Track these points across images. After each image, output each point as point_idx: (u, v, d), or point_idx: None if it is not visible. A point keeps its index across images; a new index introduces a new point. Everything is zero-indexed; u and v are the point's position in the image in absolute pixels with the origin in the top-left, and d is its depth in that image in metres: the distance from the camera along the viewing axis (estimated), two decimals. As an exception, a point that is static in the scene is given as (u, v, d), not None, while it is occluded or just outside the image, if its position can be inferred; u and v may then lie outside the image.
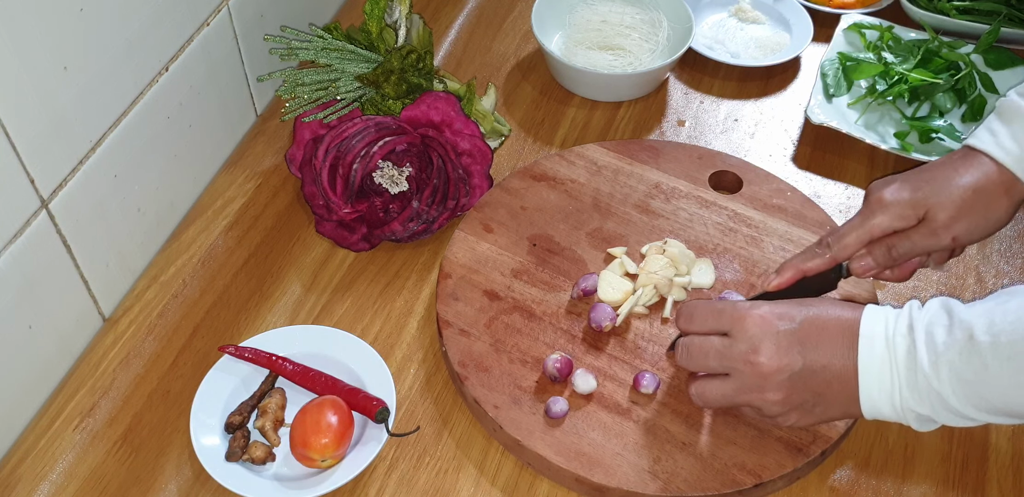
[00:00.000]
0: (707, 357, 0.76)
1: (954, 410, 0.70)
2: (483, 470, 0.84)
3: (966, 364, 0.68)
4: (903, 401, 0.71)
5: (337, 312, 0.94)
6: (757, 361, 0.73)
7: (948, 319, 0.70)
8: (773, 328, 0.74)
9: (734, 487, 0.79)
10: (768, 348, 0.73)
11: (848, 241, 0.82)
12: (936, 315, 0.71)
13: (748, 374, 0.74)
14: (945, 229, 0.80)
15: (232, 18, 0.99)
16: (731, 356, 0.75)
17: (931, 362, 0.69)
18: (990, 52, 1.12)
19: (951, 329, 0.69)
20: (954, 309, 0.70)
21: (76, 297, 0.88)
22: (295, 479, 0.81)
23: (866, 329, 0.72)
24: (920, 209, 0.80)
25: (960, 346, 0.68)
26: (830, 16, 1.21)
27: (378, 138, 0.93)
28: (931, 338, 0.69)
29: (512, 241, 0.95)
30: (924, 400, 0.70)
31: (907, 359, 0.70)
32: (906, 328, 0.71)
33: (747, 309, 0.75)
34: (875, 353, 0.71)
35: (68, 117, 0.79)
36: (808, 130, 1.11)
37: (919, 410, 0.71)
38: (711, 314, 0.77)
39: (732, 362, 0.75)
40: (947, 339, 0.69)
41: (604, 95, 1.13)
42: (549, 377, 0.85)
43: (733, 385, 0.76)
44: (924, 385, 0.69)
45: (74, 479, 0.82)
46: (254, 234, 1.00)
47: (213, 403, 0.84)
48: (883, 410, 0.73)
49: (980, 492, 0.83)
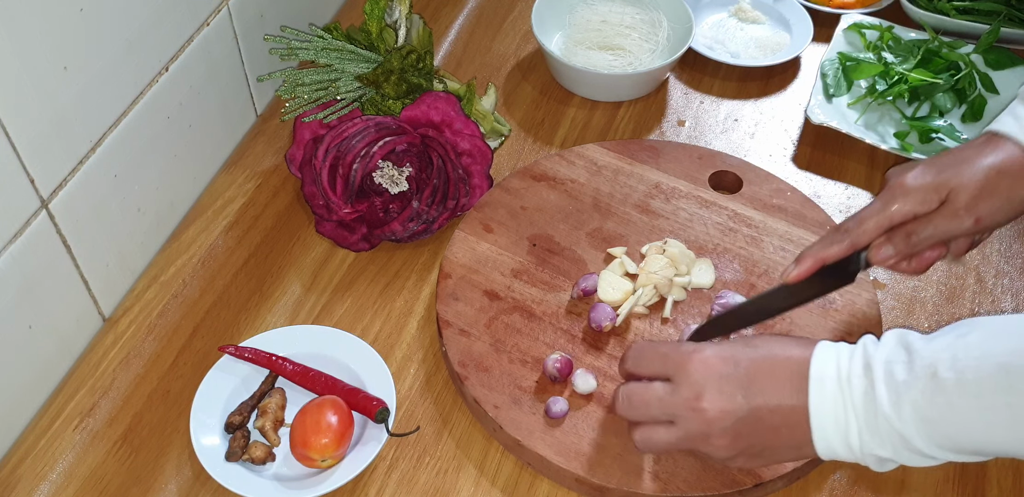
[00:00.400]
0: (649, 406, 0.73)
1: (918, 451, 0.66)
2: (483, 470, 0.84)
3: (930, 403, 0.64)
4: (862, 444, 0.67)
5: (337, 312, 0.94)
6: (700, 407, 0.70)
7: (907, 355, 0.66)
8: (717, 372, 0.71)
9: (734, 487, 0.79)
10: (712, 394, 0.70)
11: (868, 226, 0.79)
12: (894, 352, 0.67)
13: (693, 420, 0.71)
14: (967, 210, 0.76)
15: (232, 18, 0.99)
16: (674, 403, 0.72)
17: (892, 402, 0.65)
18: (990, 52, 1.12)
19: (911, 366, 0.66)
20: (913, 345, 0.67)
21: (76, 297, 0.88)
22: (295, 479, 0.81)
23: (816, 370, 0.69)
24: (942, 191, 0.77)
25: (923, 384, 0.64)
26: (830, 16, 1.21)
27: (378, 138, 0.93)
28: (891, 377, 0.66)
29: (512, 241, 0.95)
30: (885, 442, 0.66)
31: (864, 400, 0.67)
32: (862, 368, 0.67)
33: (690, 353, 0.72)
34: (827, 396, 0.68)
35: (68, 117, 0.79)
36: (808, 130, 1.11)
37: (879, 452, 0.67)
38: (656, 358, 0.74)
39: (675, 409, 0.72)
40: (907, 377, 0.65)
41: (604, 95, 1.13)
42: (549, 377, 0.85)
43: (678, 433, 0.72)
44: (885, 427, 0.66)
45: (74, 479, 0.82)
46: (254, 234, 1.00)
47: (213, 403, 0.84)
48: (839, 452, 0.69)
49: (980, 492, 0.83)
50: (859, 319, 0.90)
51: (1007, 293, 0.97)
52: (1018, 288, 0.97)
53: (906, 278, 0.97)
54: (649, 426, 0.74)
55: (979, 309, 0.95)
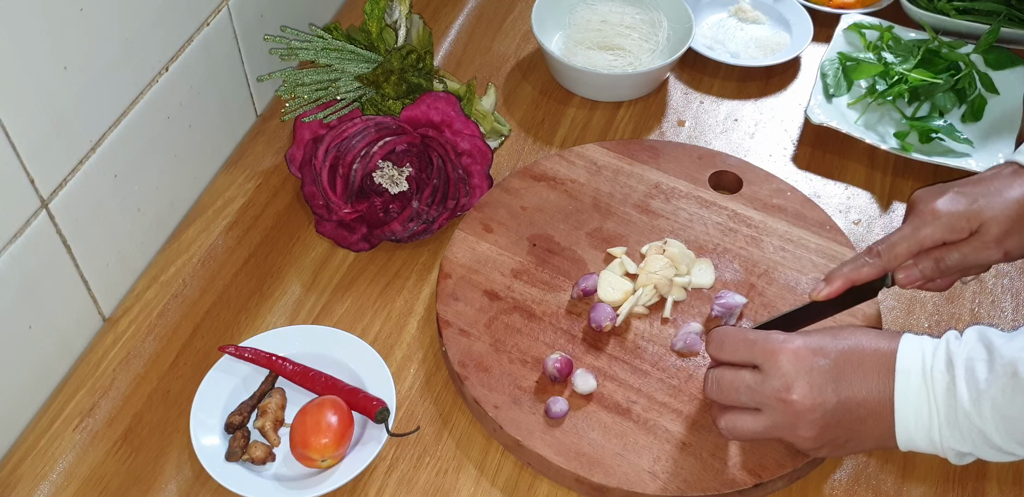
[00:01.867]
0: (738, 392, 0.75)
1: (997, 447, 0.69)
2: (483, 470, 0.84)
3: (1010, 401, 0.66)
4: (942, 439, 0.70)
5: (337, 312, 0.94)
6: (790, 399, 0.72)
7: (988, 354, 0.69)
8: (807, 364, 0.73)
9: (734, 487, 0.79)
10: (802, 386, 0.72)
11: (899, 251, 0.81)
12: (975, 349, 0.69)
13: (781, 411, 0.73)
14: (997, 243, 0.79)
15: (232, 18, 0.99)
16: (763, 393, 0.74)
17: (972, 399, 0.68)
18: (990, 52, 1.12)
19: (992, 365, 0.68)
20: (993, 343, 0.69)
21: (76, 297, 0.88)
22: (295, 479, 0.81)
23: (903, 363, 0.71)
24: (974, 222, 0.79)
25: (1003, 383, 0.67)
26: (830, 16, 1.21)
27: (378, 138, 0.93)
28: (971, 374, 0.68)
29: (512, 241, 0.95)
30: (965, 437, 0.69)
31: (946, 396, 0.69)
32: (944, 364, 0.70)
33: (780, 343, 0.74)
34: (911, 389, 0.70)
35: (68, 117, 0.79)
36: (808, 130, 1.11)
37: (959, 447, 0.70)
38: (743, 344, 0.76)
39: (764, 399, 0.74)
40: (988, 376, 0.67)
41: (604, 95, 1.13)
42: (549, 377, 0.85)
43: (765, 422, 0.74)
44: (965, 422, 0.68)
45: (74, 479, 0.82)
46: (254, 234, 1.00)
47: (213, 403, 0.84)
48: (920, 445, 0.72)
49: (980, 492, 0.83)
50: (859, 318, 0.90)
51: (1007, 293, 0.97)
52: (1018, 288, 0.97)
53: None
54: (736, 413, 0.76)
55: (979, 309, 0.95)
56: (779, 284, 0.93)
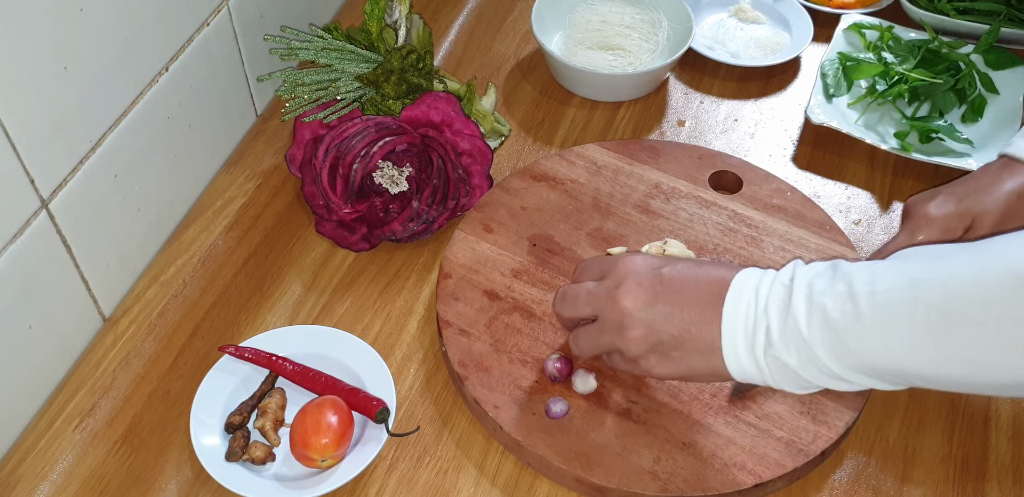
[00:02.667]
0: (577, 299, 0.76)
1: (820, 363, 0.67)
2: (483, 470, 0.84)
3: (840, 313, 0.65)
4: (768, 347, 0.68)
5: (337, 312, 0.94)
6: (617, 296, 0.73)
7: (832, 272, 0.68)
8: (643, 269, 0.73)
9: (734, 487, 0.79)
10: (631, 285, 0.73)
11: None
12: (821, 270, 0.68)
13: (610, 309, 0.73)
14: (992, 235, 0.79)
15: (232, 18, 0.99)
16: (597, 294, 0.75)
17: (805, 310, 0.66)
18: (990, 52, 1.12)
19: (833, 281, 0.67)
20: (840, 264, 0.68)
21: (76, 297, 0.88)
22: (295, 479, 0.81)
23: (739, 280, 0.71)
24: (966, 219, 0.79)
25: (836, 293, 0.66)
26: (830, 16, 1.21)
27: (378, 138, 0.93)
28: (810, 288, 0.67)
29: (512, 241, 0.95)
30: (791, 348, 0.67)
31: (780, 307, 0.68)
32: (788, 278, 0.69)
33: (629, 256, 0.76)
34: (742, 302, 0.69)
35: (68, 117, 0.79)
36: (808, 130, 1.11)
37: (785, 358, 0.68)
38: (596, 263, 0.78)
39: (598, 301, 0.75)
40: (824, 287, 0.66)
41: (604, 95, 1.13)
42: (549, 377, 0.85)
43: (599, 326, 0.75)
44: (793, 332, 0.66)
45: (74, 479, 0.82)
46: (254, 234, 1.00)
47: (213, 403, 0.84)
48: (745, 363, 0.70)
49: (980, 492, 0.84)
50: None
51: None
52: (1018, 288, 0.97)
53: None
54: (581, 327, 0.77)
55: (979, 309, 0.95)
56: (779, 284, 0.93)
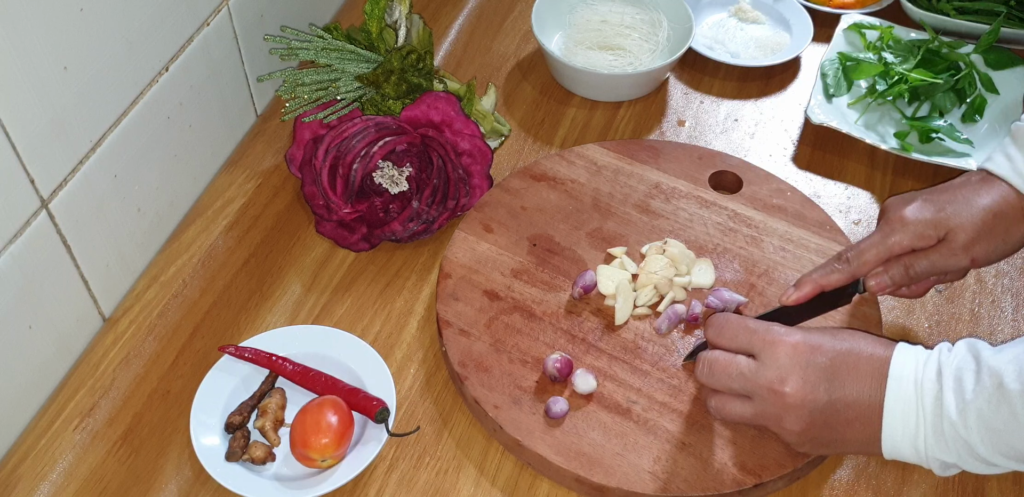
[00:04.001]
0: (731, 378, 0.76)
1: (981, 458, 0.69)
2: (483, 470, 0.84)
3: (995, 413, 0.67)
4: (927, 448, 0.70)
5: (337, 312, 0.94)
6: (783, 391, 0.73)
7: (976, 364, 0.69)
8: (804, 360, 0.73)
9: (734, 487, 0.79)
10: (795, 380, 0.73)
11: (867, 258, 0.82)
12: (964, 360, 0.70)
13: (771, 402, 0.74)
14: (965, 251, 0.80)
15: (232, 18, 0.99)
16: (756, 382, 0.74)
17: (959, 410, 0.68)
18: (990, 52, 1.12)
19: (979, 375, 0.68)
20: (982, 353, 0.70)
21: (76, 297, 0.88)
22: (295, 479, 0.81)
23: (896, 370, 0.72)
24: (941, 229, 0.80)
25: (988, 394, 0.67)
26: (830, 16, 1.21)
27: (378, 138, 0.93)
28: (959, 384, 0.69)
29: (512, 241, 0.95)
30: (950, 448, 0.69)
31: (934, 405, 0.69)
32: (935, 373, 0.70)
33: (781, 335, 0.75)
34: (902, 396, 0.71)
35: (68, 117, 0.79)
36: (808, 130, 1.11)
37: (944, 458, 0.70)
38: (743, 331, 0.76)
39: (756, 388, 0.74)
40: (975, 386, 0.68)
41: (604, 95, 1.13)
42: (549, 377, 0.85)
43: (753, 409, 0.75)
44: (951, 433, 0.69)
45: (74, 479, 0.82)
46: (254, 234, 1.00)
47: (213, 403, 0.84)
48: (904, 453, 0.72)
49: (980, 492, 0.83)
50: (859, 319, 0.90)
51: (1007, 293, 0.97)
52: (1018, 288, 0.97)
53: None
54: (726, 396, 0.77)
55: (979, 309, 0.95)
56: (779, 284, 0.93)
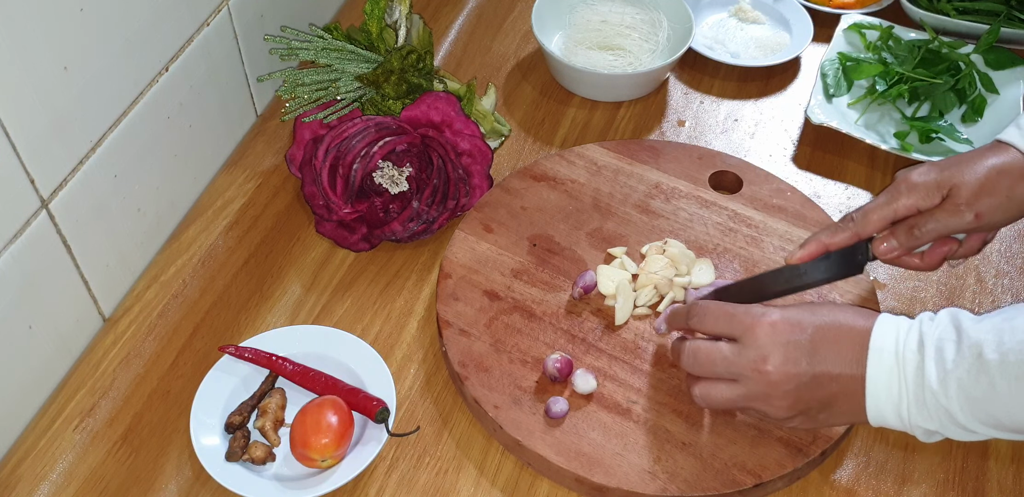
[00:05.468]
0: (714, 364, 0.76)
1: (961, 425, 0.70)
2: (483, 470, 0.84)
3: (974, 382, 0.68)
4: (910, 416, 0.72)
5: (337, 312, 0.94)
6: (765, 370, 0.74)
7: (957, 335, 0.70)
8: (784, 337, 0.74)
9: (734, 487, 0.79)
10: (777, 358, 0.73)
11: (872, 217, 0.82)
12: (946, 330, 0.71)
13: (756, 382, 0.74)
14: (968, 205, 0.80)
15: (232, 18, 0.99)
16: (740, 364, 0.75)
17: (940, 379, 0.69)
18: (990, 52, 1.12)
19: (960, 346, 0.69)
20: (963, 324, 0.71)
21: (76, 297, 0.88)
22: (295, 479, 0.81)
23: (876, 341, 0.72)
24: (944, 187, 0.80)
25: (969, 364, 0.68)
26: (830, 16, 1.21)
27: (378, 138, 0.93)
28: (940, 355, 0.70)
29: (512, 241, 0.95)
30: (932, 416, 0.71)
31: (916, 375, 0.70)
32: (916, 344, 0.71)
33: (759, 316, 0.75)
34: (884, 366, 0.72)
35: (68, 117, 0.79)
36: (808, 130, 1.11)
37: (926, 425, 0.71)
38: (723, 317, 0.77)
39: (740, 369, 0.75)
40: (956, 356, 0.69)
41: (604, 95, 1.13)
42: (549, 377, 0.85)
43: (740, 391, 0.76)
44: (932, 401, 0.70)
45: (74, 479, 0.82)
46: (254, 234, 1.00)
47: (213, 403, 0.84)
48: (889, 421, 0.73)
49: (980, 492, 0.84)
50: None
51: (1007, 293, 0.97)
52: (1018, 288, 0.97)
53: (906, 278, 0.97)
54: (710, 382, 0.77)
55: (979, 309, 0.95)
56: (779, 284, 0.93)
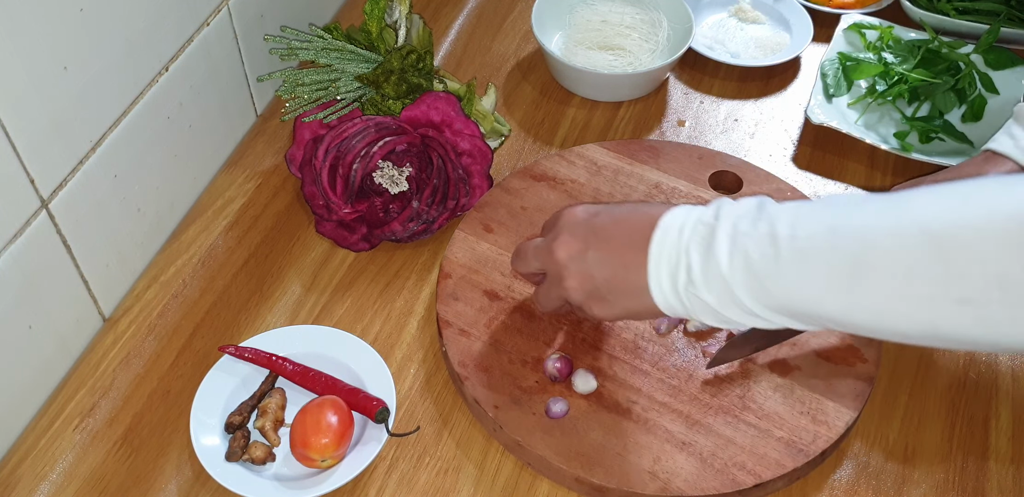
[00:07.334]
0: (527, 255, 0.79)
1: (741, 303, 0.67)
2: (483, 470, 0.84)
3: (761, 256, 0.65)
4: (689, 284, 0.68)
5: (337, 312, 0.94)
6: (553, 248, 0.75)
7: (757, 212, 0.68)
8: (577, 219, 0.75)
9: (734, 487, 0.79)
10: (563, 236, 0.75)
11: None
12: (747, 208, 0.68)
13: (550, 263, 0.76)
14: None
15: (232, 18, 0.99)
16: (539, 249, 0.77)
17: (727, 251, 0.66)
18: (990, 52, 1.12)
19: (757, 222, 0.67)
20: (766, 204, 0.68)
21: (76, 297, 0.88)
22: (295, 479, 0.81)
23: (665, 220, 0.71)
24: None
25: (759, 236, 0.66)
26: (830, 16, 1.21)
27: (378, 138, 0.93)
28: (734, 228, 0.67)
29: (512, 241, 0.95)
30: (712, 287, 0.67)
31: (702, 246, 0.68)
32: (712, 216, 0.69)
33: (566, 207, 0.77)
34: (668, 240, 0.70)
35: (68, 117, 0.79)
36: (808, 130, 1.11)
37: (704, 296, 0.68)
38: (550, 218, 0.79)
39: (541, 255, 0.77)
40: (748, 229, 0.66)
41: (604, 95, 1.13)
42: (549, 377, 0.85)
43: (547, 281, 0.77)
44: (714, 271, 0.67)
45: (74, 479, 0.82)
46: (254, 234, 1.00)
47: (213, 403, 0.84)
48: (670, 299, 0.70)
49: (980, 492, 0.84)
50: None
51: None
52: (1018, 288, 0.97)
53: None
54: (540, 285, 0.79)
55: (979, 309, 0.95)
56: (779, 284, 0.93)
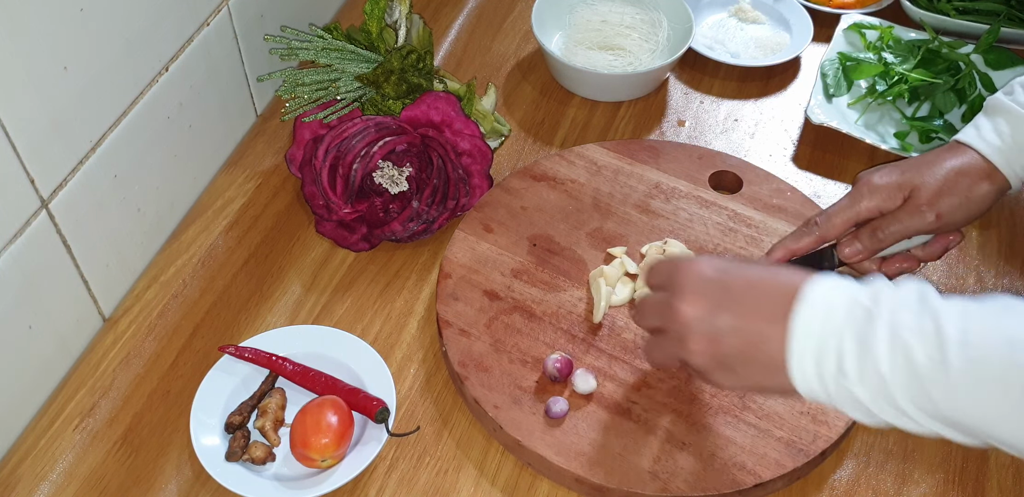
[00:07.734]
0: (648, 310, 0.72)
1: (895, 403, 0.61)
2: (483, 470, 0.84)
3: (926, 357, 0.60)
4: (839, 376, 0.62)
5: (337, 312, 0.94)
6: (678, 308, 0.68)
7: (920, 305, 0.62)
8: (705, 278, 0.69)
9: (734, 487, 0.79)
10: (693, 296, 0.68)
11: (836, 221, 0.84)
12: (908, 296, 0.63)
13: (672, 321, 0.69)
14: (929, 206, 0.81)
15: (232, 18, 0.99)
16: (662, 306, 0.70)
17: (888, 347, 0.61)
18: (990, 52, 1.12)
19: (920, 317, 0.61)
20: (928, 296, 0.63)
21: (76, 297, 0.88)
22: (295, 479, 0.81)
23: (812, 293, 0.64)
24: (905, 189, 0.82)
25: (924, 336, 0.60)
26: (830, 16, 1.21)
27: (378, 138, 0.93)
28: (894, 320, 0.61)
29: (512, 241, 0.95)
30: (866, 383, 0.61)
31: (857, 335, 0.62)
32: (869, 300, 0.63)
33: (689, 261, 0.71)
34: (815, 316, 0.63)
35: (68, 117, 0.79)
36: (808, 130, 1.11)
37: (856, 390, 0.62)
38: (662, 268, 0.73)
39: (663, 312, 0.70)
40: (912, 325, 0.61)
41: (604, 95, 1.13)
42: (549, 377, 0.85)
43: (664, 338, 0.71)
44: (871, 367, 0.61)
45: (74, 479, 0.82)
46: (254, 234, 1.00)
47: (213, 403, 0.84)
48: (814, 387, 0.64)
49: (980, 492, 0.84)
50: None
51: (1007, 293, 0.97)
52: (1018, 288, 0.97)
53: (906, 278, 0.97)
54: (652, 337, 0.73)
55: (979, 309, 0.95)
56: (779, 284, 0.93)
